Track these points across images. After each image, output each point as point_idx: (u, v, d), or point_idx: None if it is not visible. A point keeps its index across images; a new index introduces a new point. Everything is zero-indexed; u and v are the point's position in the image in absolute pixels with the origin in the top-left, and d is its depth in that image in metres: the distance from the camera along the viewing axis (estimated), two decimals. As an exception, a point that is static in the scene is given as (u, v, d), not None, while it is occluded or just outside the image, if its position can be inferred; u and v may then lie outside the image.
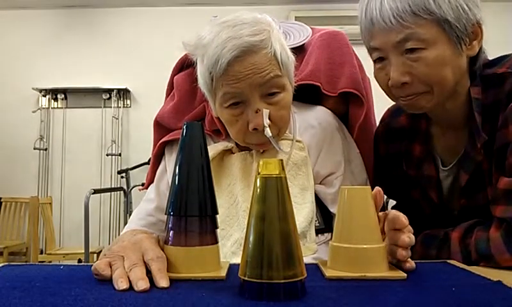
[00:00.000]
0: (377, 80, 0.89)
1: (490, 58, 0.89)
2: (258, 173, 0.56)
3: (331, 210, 0.93)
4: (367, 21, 0.83)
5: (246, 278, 0.53)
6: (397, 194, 1.08)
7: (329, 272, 0.64)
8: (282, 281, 0.52)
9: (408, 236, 0.65)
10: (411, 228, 0.67)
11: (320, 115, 1.00)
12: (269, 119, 0.83)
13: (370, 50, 0.87)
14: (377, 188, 0.70)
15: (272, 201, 0.54)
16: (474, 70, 0.86)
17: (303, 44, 1.07)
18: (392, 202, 1.15)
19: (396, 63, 0.81)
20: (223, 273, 0.63)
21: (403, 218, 0.66)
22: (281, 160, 0.57)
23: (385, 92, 0.89)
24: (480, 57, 0.85)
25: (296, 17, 4.06)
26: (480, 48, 0.85)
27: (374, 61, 0.87)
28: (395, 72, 0.81)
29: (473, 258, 0.80)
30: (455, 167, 0.92)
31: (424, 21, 0.78)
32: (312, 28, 1.12)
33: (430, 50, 0.79)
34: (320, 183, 0.95)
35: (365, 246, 0.64)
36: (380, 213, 0.69)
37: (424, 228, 0.93)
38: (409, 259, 0.66)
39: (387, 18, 0.78)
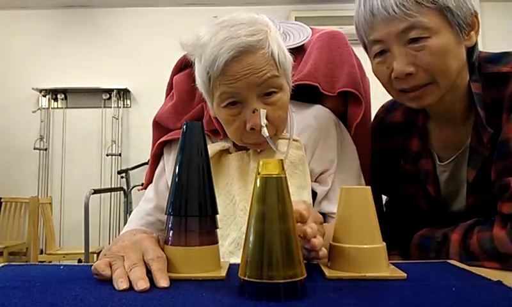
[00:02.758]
0: (377, 76, 0.88)
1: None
2: (258, 173, 0.56)
3: (318, 209, 0.91)
4: (367, 13, 0.81)
5: (246, 278, 0.53)
6: (391, 190, 1.08)
7: (329, 272, 0.64)
8: (282, 281, 0.52)
9: (310, 227, 0.63)
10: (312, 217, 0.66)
11: (317, 113, 1.00)
12: (266, 119, 0.83)
13: (370, 44, 0.85)
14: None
15: (272, 201, 0.54)
16: (472, 62, 0.86)
17: (303, 44, 1.07)
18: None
19: (400, 54, 0.80)
20: (223, 273, 0.63)
21: (303, 211, 0.64)
22: (281, 160, 0.57)
23: (386, 88, 0.88)
24: (476, 49, 0.86)
25: (295, 17, 4.06)
26: (476, 40, 0.85)
27: (374, 56, 0.85)
28: (399, 63, 0.80)
29: (479, 258, 0.78)
30: (452, 162, 0.92)
31: (426, 9, 0.77)
32: (311, 28, 1.12)
33: (434, 38, 0.78)
34: (314, 181, 0.95)
35: (365, 246, 0.64)
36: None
37: (420, 225, 0.93)
38: (323, 248, 0.64)
39: (390, 7, 0.77)
